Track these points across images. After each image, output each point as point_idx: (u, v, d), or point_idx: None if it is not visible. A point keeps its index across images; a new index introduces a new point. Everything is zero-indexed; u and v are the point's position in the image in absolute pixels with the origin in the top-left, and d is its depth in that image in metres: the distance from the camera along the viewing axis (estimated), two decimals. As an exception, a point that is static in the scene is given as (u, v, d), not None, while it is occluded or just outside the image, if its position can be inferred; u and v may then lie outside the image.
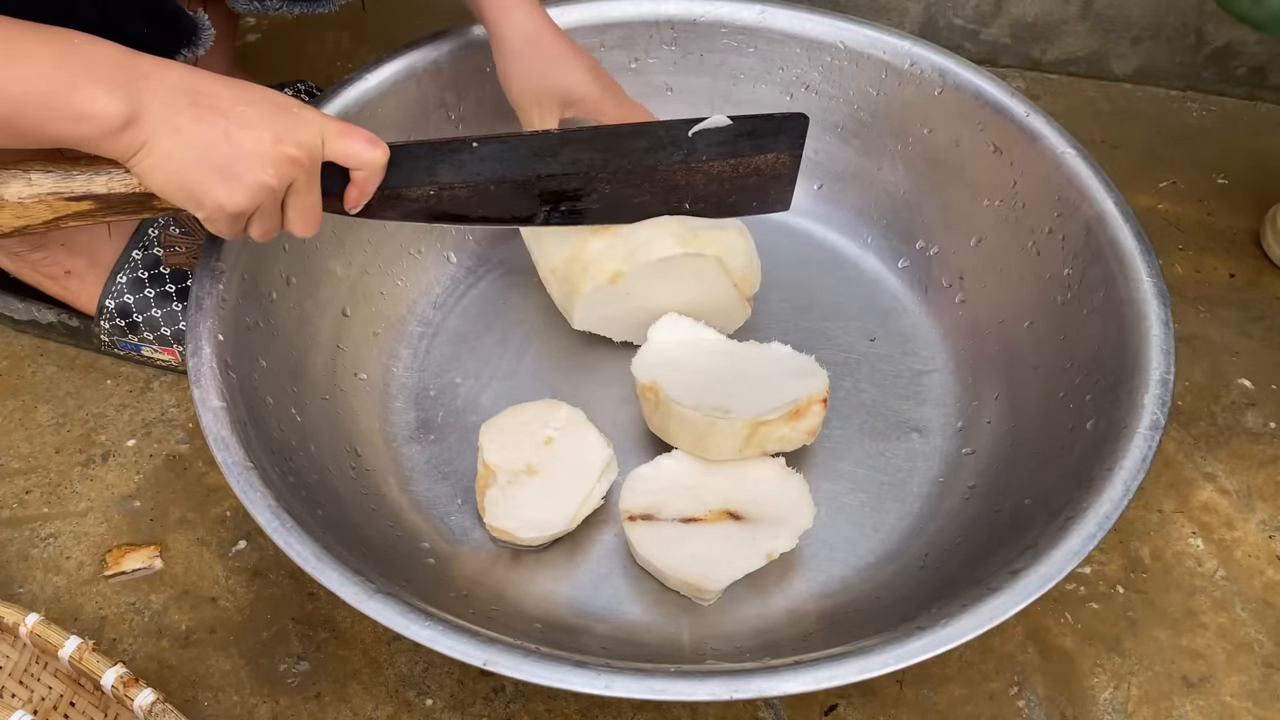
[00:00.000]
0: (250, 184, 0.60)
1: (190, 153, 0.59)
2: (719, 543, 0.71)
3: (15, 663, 0.71)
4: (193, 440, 0.86)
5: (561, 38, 0.78)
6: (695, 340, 0.81)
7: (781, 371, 0.79)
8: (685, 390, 0.76)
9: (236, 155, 0.59)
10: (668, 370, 0.78)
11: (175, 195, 0.60)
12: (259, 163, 0.60)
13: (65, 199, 0.62)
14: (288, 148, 0.61)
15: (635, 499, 0.74)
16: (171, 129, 0.58)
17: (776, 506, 0.73)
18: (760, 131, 0.77)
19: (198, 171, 0.59)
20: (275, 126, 0.60)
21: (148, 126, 0.57)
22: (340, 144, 0.64)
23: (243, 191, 0.60)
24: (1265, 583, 0.80)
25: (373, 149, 0.65)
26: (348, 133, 0.64)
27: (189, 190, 0.60)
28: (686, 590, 0.72)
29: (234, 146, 0.59)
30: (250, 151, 0.60)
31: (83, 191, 0.62)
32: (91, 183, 0.62)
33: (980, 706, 0.73)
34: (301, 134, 0.61)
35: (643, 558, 0.72)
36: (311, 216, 0.65)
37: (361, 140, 0.65)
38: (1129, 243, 0.76)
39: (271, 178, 0.61)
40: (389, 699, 0.73)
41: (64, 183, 0.62)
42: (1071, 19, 1.16)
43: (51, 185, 0.62)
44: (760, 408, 0.75)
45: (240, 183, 0.60)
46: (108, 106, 0.56)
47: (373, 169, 0.66)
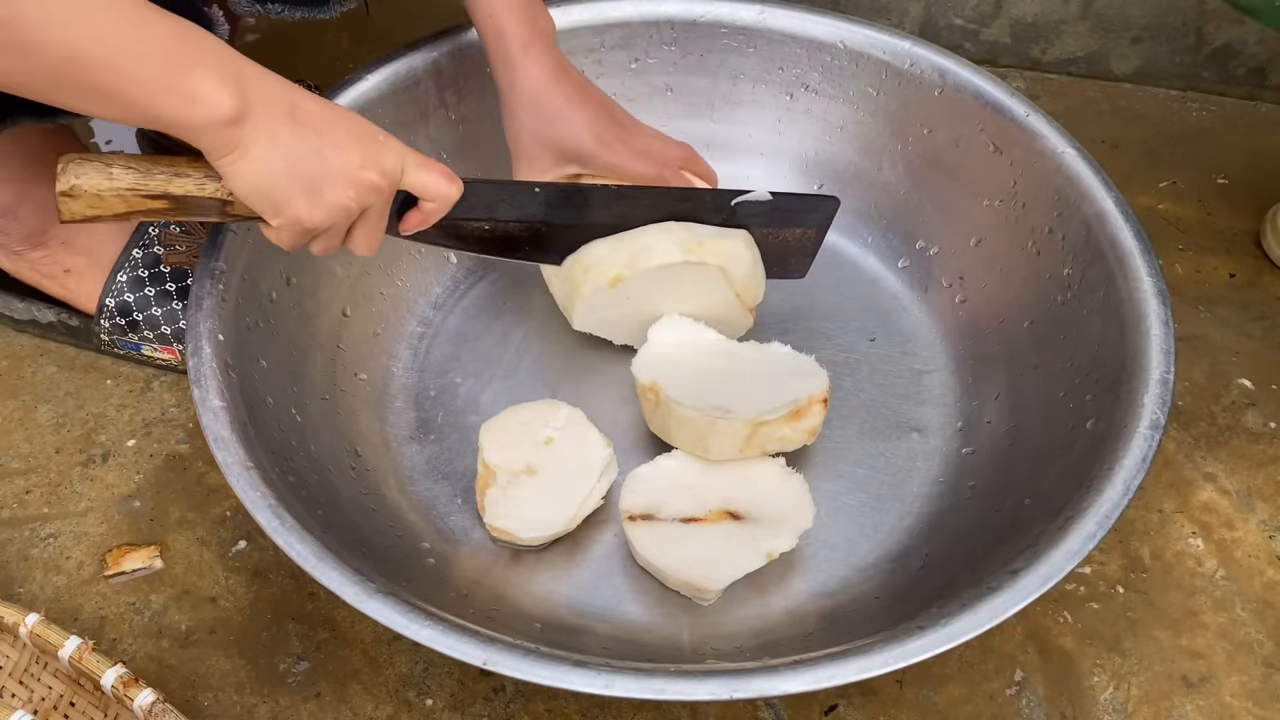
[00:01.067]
0: (331, 203, 0.61)
1: (282, 163, 0.59)
2: (719, 543, 0.71)
3: (15, 663, 0.71)
4: (193, 440, 0.86)
5: (569, 91, 0.76)
6: (695, 340, 0.81)
7: (782, 372, 0.79)
8: (685, 391, 0.76)
9: (324, 173, 0.60)
10: (668, 370, 0.78)
11: (256, 201, 0.61)
12: (343, 184, 0.61)
13: (142, 196, 0.62)
14: (372, 174, 0.62)
15: (635, 499, 0.74)
16: (269, 136, 0.58)
17: (776, 506, 0.73)
18: (795, 209, 0.81)
19: (285, 182, 0.60)
20: (363, 151, 0.61)
21: (248, 127, 0.58)
22: (420, 176, 0.65)
23: (323, 209, 0.61)
24: (1265, 583, 0.80)
25: (450, 185, 0.67)
26: (428, 166, 0.66)
27: (272, 199, 0.60)
28: (686, 590, 0.72)
29: (323, 164, 0.60)
30: (338, 172, 0.61)
31: (160, 191, 0.62)
32: (170, 184, 0.62)
33: (980, 706, 0.73)
34: (386, 161, 0.63)
35: (643, 557, 0.72)
36: (376, 240, 0.67)
37: (440, 175, 0.66)
38: (1129, 243, 0.76)
39: (352, 200, 0.62)
40: (389, 699, 0.73)
41: (143, 180, 0.61)
42: (1071, 19, 1.16)
43: (131, 182, 0.61)
44: (761, 408, 0.75)
45: (322, 200, 0.61)
46: (220, 97, 0.56)
47: (445, 203, 0.68)
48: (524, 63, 0.75)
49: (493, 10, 0.75)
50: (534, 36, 0.76)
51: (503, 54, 0.76)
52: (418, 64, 0.86)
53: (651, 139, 0.80)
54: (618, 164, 0.77)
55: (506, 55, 0.76)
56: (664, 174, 0.79)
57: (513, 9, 0.75)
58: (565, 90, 0.76)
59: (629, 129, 0.79)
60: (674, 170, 0.79)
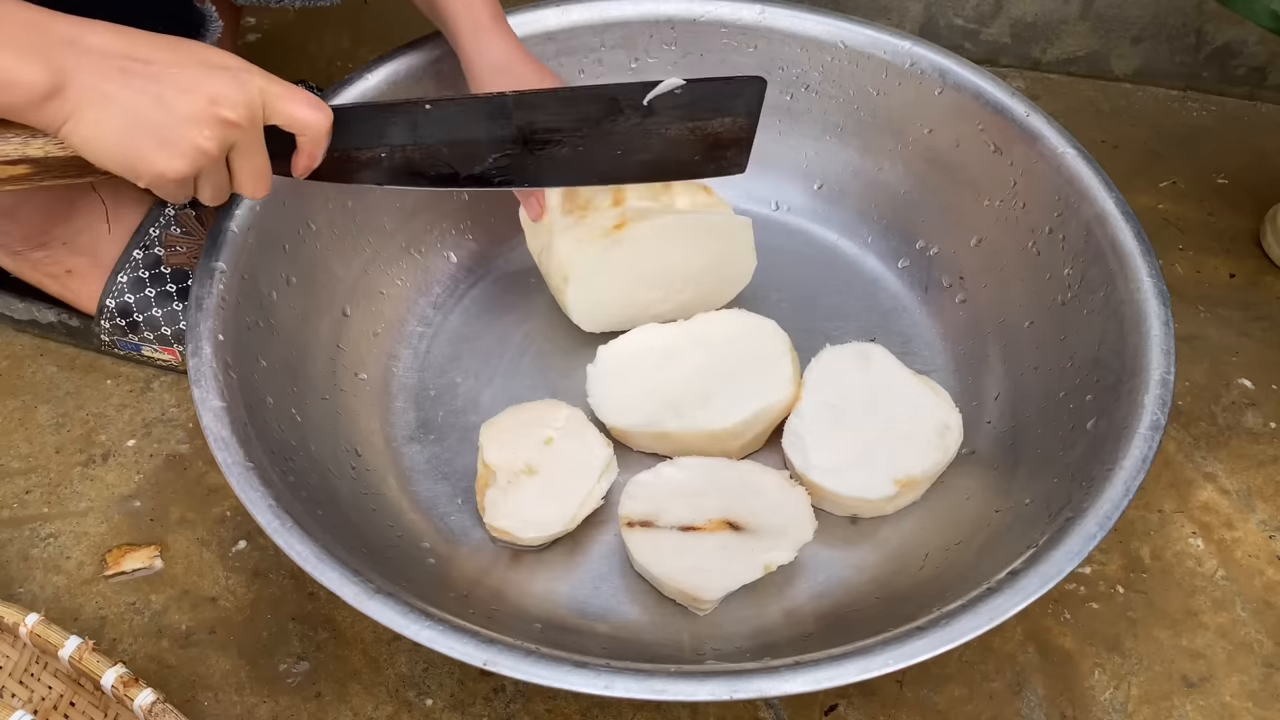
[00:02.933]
0: (187, 150, 0.59)
1: (121, 122, 0.57)
2: (716, 552, 0.71)
3: (15, 663, 0.71)
4: (193, 440, 0.86)
5: (530, 66, 0.78)
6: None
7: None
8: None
9: (171, 122, 0.58)
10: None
11: (112, 166, 0.59)
12: (194, 127, 0.58)
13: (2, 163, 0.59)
14: (224, 110, 0.59)
15: (635, 505, 0.73)
16: (100, 98, 0.56)
17: (777, 518, 0.73)
18: (718, 95, 0.75)
19: (131, 141, 0.58)
20: (210, 89, 0.58)
21: (73, 96, 0.55)
22: (281, 106, 0.62)
23: (180, 158, 0.59)
24: (1265, 583, 0.80)
25: (315, 112, 0.63)
26: (288, 95, 0.62)
27: (126, 161, 0.58)
28: (682, 599, 0.72)
29: (168, 112, 0.58)
30: (185, 116, 0.58)
31: (17, 155, 0.60)
32: (27, 146, 0.59)
33: (980, 706, 0.73)
34: (239, 95, 0.59)
35: (640, 565, 0.72)
36: (260, 179, 0.64)
37: (303, 103, 0.63)
38: (1129, 243, 0.76)
39: (208, 141, 0.59)
40: (389, 699, 0.73)
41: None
42: (1071, 19, 1.16)
43: None
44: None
45: (176, 149, 0.59)
46: (29, 75, 0.54)
47: (316, 133, 0.64)
48: (494, 32, 0.77)
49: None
50: (498, 19, 0.78)
51: (472, 23, 0.77)
52: (417, 63, 0.86)
53: None
54: None
55: (476, 24, 0.77)
56: None
57: None
58: (534, 63, 0.78)
59: None
60: None
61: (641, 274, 0.83)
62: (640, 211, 0.80)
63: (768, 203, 0.97)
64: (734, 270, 0.86)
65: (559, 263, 0.81)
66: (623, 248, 0.80)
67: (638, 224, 0.79)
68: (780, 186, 0.97)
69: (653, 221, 0.80)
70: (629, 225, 0.79)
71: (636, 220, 0.79)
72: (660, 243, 0.81)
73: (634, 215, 0.80)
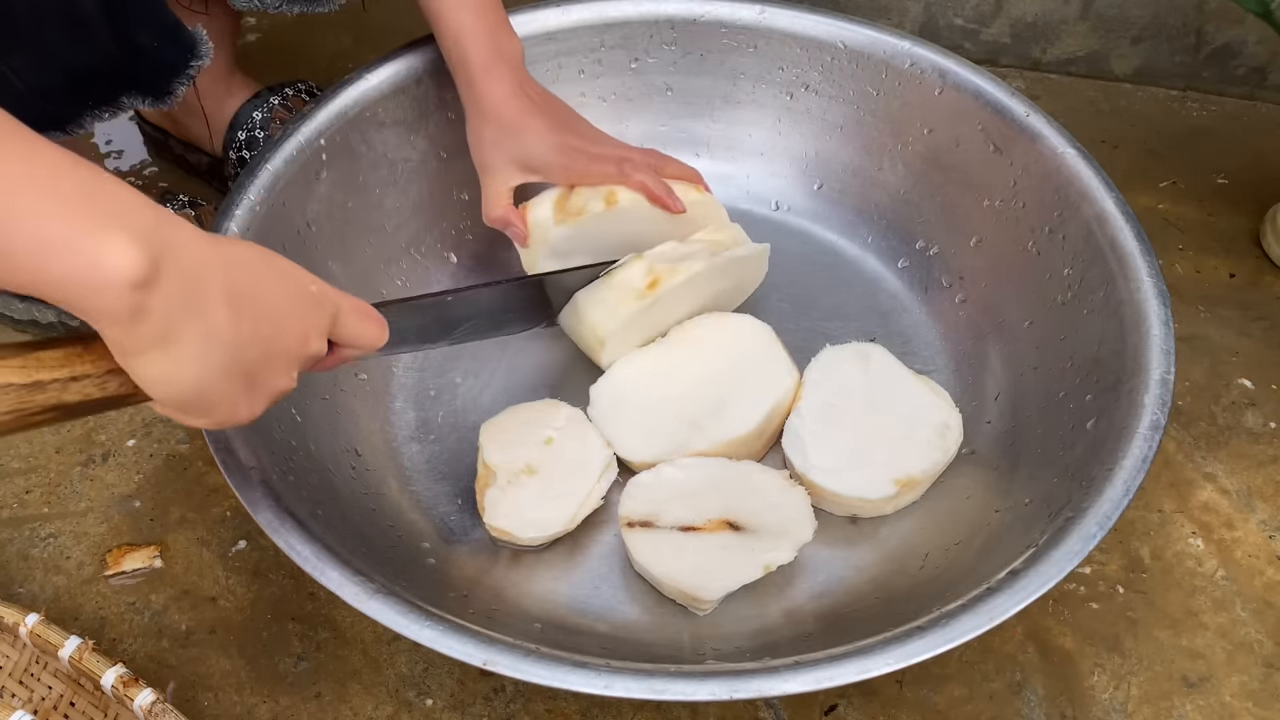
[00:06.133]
0: (273, 392, 0.50)
1: (221, 358, 0.46)
2: (716, 552, 0.71)
3: (15, 663, 0.71)
4: (193, 440, 0.86)
5: (526, 106, 0.77)
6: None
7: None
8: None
9: (266, 358, 0.48)
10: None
11: (181, 406, 0.47)
12: (286, 365, 0.50)
13: (26, 415, 0.46)
14: (314, 343, 0.51)
15: (634, 505, 0.73)
16: (204, 328, 0.45)
17: (777, 518, 0.73)
18: None
19: (225, 382, 0.47)
20: (304, 317, 0.50)
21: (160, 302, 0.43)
22: (351, 325, 0.55)
23: (263, 401, 0.50)
24: (1265, 583, 0.80)
25: (380, 332, 0.57)
26: (361, 313, 0.56)
27: (206, 403, 0.47)
28: (682, 599, 0.72)
29: (266, 349, 0.48)
30: (282, 353, 0.49)
31: (52, 403, 0.46)
32: (65, 392, 0.46)
33: (980, 706, 0.73)
34: (324, 320, 0.52)
35: (640, 565, 0.72)
36: None
37: (374, 324, 0.57)
38: (1129, 243, 0.76)
39: (293, 380, 0.51)
40: (389, 699, 0.73)
41: (29, 397, 0.45)
42: (1071, 19, 1.16)
43: (11, 404, 0.45)
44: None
45: (262, 391, 0.50)
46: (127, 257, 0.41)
47: (370, 351, 0.58)
48: (484, 82, 0.77)
49: (457, 38, 0.77)
50: (495, 60, 0.77)
51: (465, 76, 0.78)
52: (418, 64, 0.86)
53: (611, 146, 0.81)
54: (576, 169, 0.79)
55: (468, 77, 0.77)
56: (623, 169, 0.79)
57: (476, 35, 0.77)
58: (522, 105, 0.77)
59: (588, 138, 0.80)
60: (634, 165, 0.80)
61: (672, 319, 0.83)
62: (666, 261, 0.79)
63: (768, 203, 0.97)
64: (748, 286, 0.87)
65: (590, 325, 0.80)
66: (657, 305, 0.80)
67: (669, 280, 0.79)
68: (780, 186, 0.97)
69: (684, 275, 0.79)
70: (661, 283, 0.78)
71: (668, 277, 0.79)
72: (691, 289, 0.81)
73: (663, 272, 0.79)
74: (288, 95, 0.97)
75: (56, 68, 0.67)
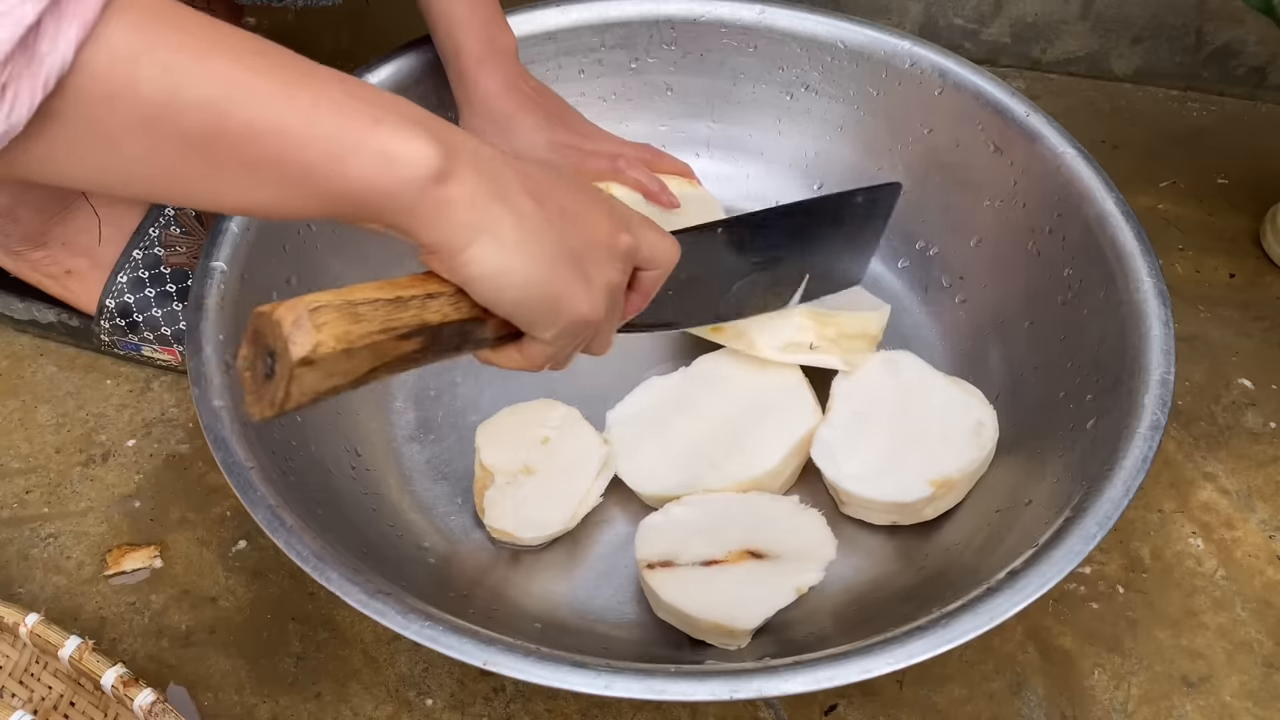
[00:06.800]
0: (605, 285, 0.48)
1: (546, 238, 0.44)
2: (745, 581, 0.69)
3: (15, 663, 0.71)
4: (193, 440, 0.86)
5: (519, 100, 0.76)
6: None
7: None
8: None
9: (589, 249, 0.46)
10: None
11: (528, 307, 0.46)
12: (609, 258, 0.48)
13: (396, 337, 0.46)
14: (625, 235, 0.48)
15: (651, 547, 0.71)
16: (515, 215, 0.44)
17: (797, 541, 0.71)
18: (860, 201, 0.77)
19: (557, 273, 0.45)
20: (600, 208, 0.48)
21: (470, 195, 0.43)
22: (647, 236, 0.51)
23: (601, 294, 0.47)
24: (1265, 583, 0.80)
25: (675, 246, 0.54)
26: (649, 224, 0.52)
27: (549, 301, 0.46)
28: (714, 635, 0.69)
29: (584, 235, 0.46)
30: (601, 244, 0.47)
31: (416, 323, 0.46)
32: (425, 309, 0.46)
33: (980, 706, 0.73)
34: (621, 220, 0.49)
35: (666, 605, 0.69)
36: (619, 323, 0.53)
37: (663, 232, 0.53)
38: (1129, 243, 0.76)
39: (621, 274, 0.48)
40: (389, 699, 0.73)
41: (396, 313, 0.45)
42: (1071, 19, 1.16)
43: (383, 318, 0.45)
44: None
45: (596, 284, 0.47)
46: (422, 150, 0.42)
47: (669, 268, 0.54)
48: (476, 76, 0.76)
49: (450, 30, 0.76)
50: (489, 53, 0.77)
51: (457, 69, 0.77)
52: (418, 64, 0.86)
53: (606, 141, 0.81)
54: (569, 164, 0.78)
55: (460, 70, 0.77)
56: (617, 165, 0.79)
57: (469, 27, 0.76)
58: (515, 99, 0.77)
59: (582, 134, 0.80)
60: (627, 161, 0.79)
61: None
62: None
63: (768, 203, 0.97)
64: None
65: None
66: None
67: None
68: (780, 186, 0.97)
69: None
70: None
71: None
72: None
73: None
74: None
75: None
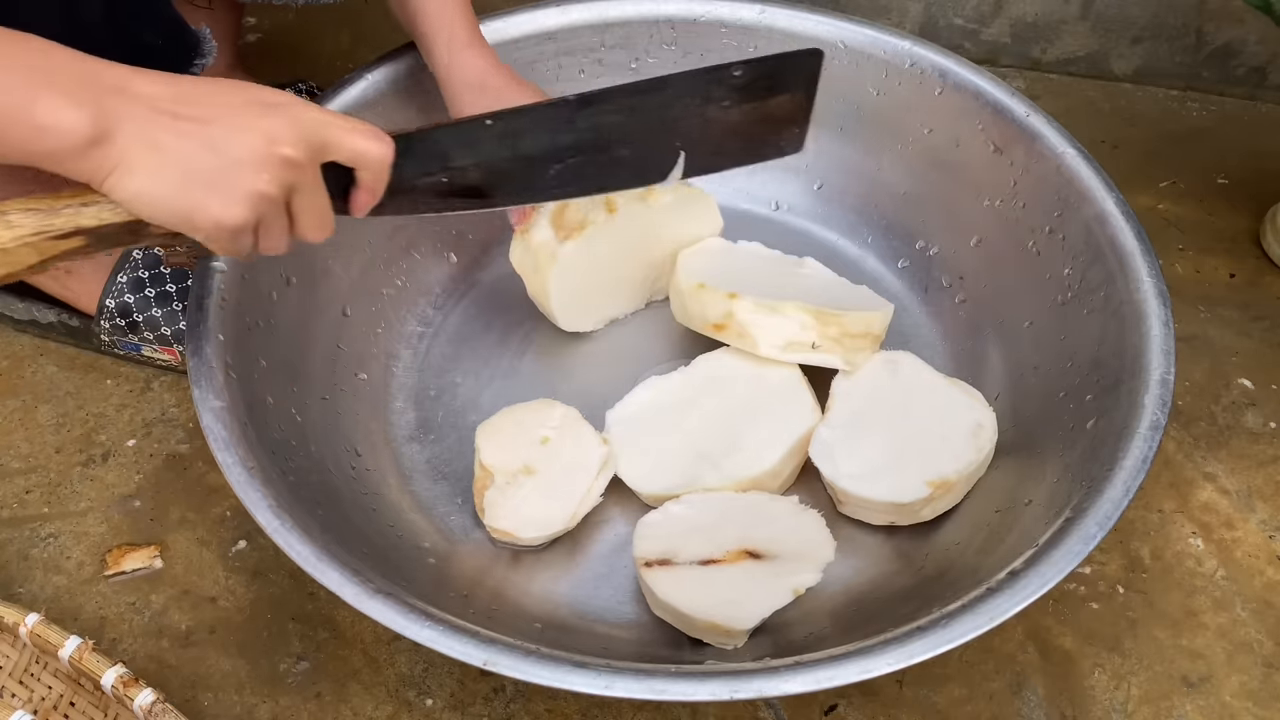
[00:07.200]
0: (246, 194, 0.55)
1: (173, 169, 0.53)
2: (742, 582, 0.69)
3: (15, 663, 0.71)
4: (193, 440, 0.86)
5: (509, 77, 0.78)
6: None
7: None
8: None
9: (227, 165, 0.54)
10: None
11: (165, 217, 0.55)
12: (253, 170, 0.55)
13: (51, 238, 0.55)
14: (283, 149, 0.55)
15: (648, 545, 0.71)
16: (150, 146, 0.53)
17: (796, 541, 0.71)
18: (775, 73, 0.72)
19: (185, 189, 0.54)
20: (267, 127, 0.55)
21: (120, 145, 0.52)
22: (341, 139, 0.59)
23: (239, 204, 0.55)
24: (1265, 583, 0.80)
25: (378, 143, 0.60)
26: (351, 128, 0.59)
27: (180, 211, 0.54)
28: (711, 635, 0.69)
29: (222, 155, 0.54)
30: (242, 159, 0.54)
31: (70, 227, 0.55)
32: (79, 215, 0.56)
33: (980, 706, 0.73)
34: (296, 131, 0.56)
35: (663, 603, 0.69)
36: (324, 220, 0.60)
37: (365, 135, 0.60)
38: (1129, 243, 0.76)
39: (268, 184, 0.55)
40: (389, 699, 0.73)
41: (48, 219, 0.55)
42: (1071, 19, 1.16)
43: (35, 224, 0.55)
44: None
45: (235, 195, 0.55)
46: (72, 121, 0.51)
47: (379, 166, 0.61)
48: (467, 52, 0.77)
49: (440, 13, 0.77)
50: (478, 38, 0.78)
51: (445, 50, 0.77)
52: (418, 64, 0.86)
53: None
54: None
55: (450, 42, 0.77)
56: None
57: (458, 14, 0.77)
58: (506, 76, 0.78)
59: None
60: None
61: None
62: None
63: (768, 203, 0.97)
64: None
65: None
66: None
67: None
68: (780, 186, 0.97)
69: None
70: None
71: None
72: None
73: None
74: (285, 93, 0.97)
75: None
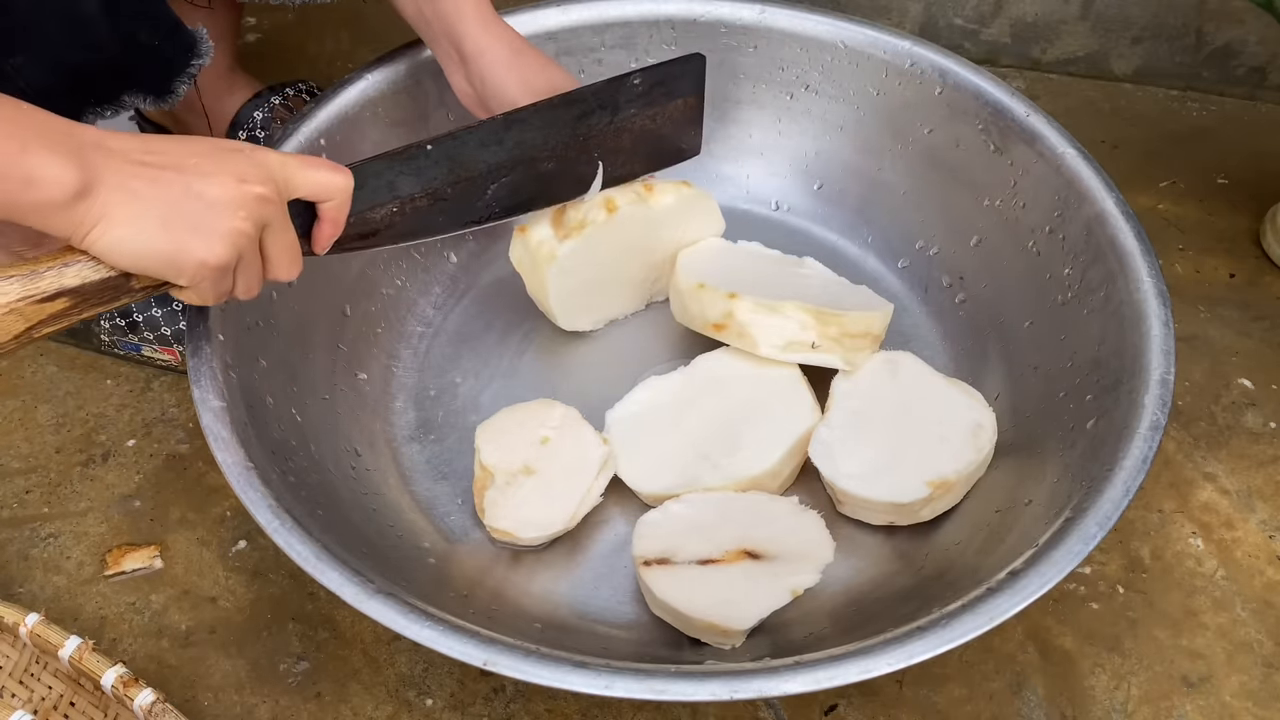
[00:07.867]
0: (226, 232, 0.57)
1: (155, 217, 0.55)
2: (740, 582, 0.69)
3: (15, 663, 0.71)
4: (193, 440, 0.86)
5: (536, 52, 0.79)
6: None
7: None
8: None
9: (204, 207, 0.56)
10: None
11: (150, 264, 0.56)
12: (229, 209, 0.57)
13: (37, 301, 0.55)
14: (254, 187, 0.58)
15: (648, 544, 0.71)
16: (130, 195, 0.54)
17: (795, 542, 0.71)
18: (668, 78, 0.79)
19: (169, 234, 0.55)
20: (235, 169, 0.58)
21: (102, 197, 0.53)
22: (305, 175, 0.62)
23: (220, 242, 0.57)
24: (1265, 583, 0.80)
25: (340, 175, 0.64)
26: (309, 164, 0.63)
27: (165, 255, 0.56)
28: (709, 634, 0.69)
29: (199, 198, 0.56)
30: (218, 199, 0.57)
31: (54, 289, 0.56)
32: (63, 276, 0.56)
33: (980, 706, 0.73)
34: (264, 172, 0.59)
35: (661, 602, 0.69)
36: (294, 256, 0.63)
37: (326, 169, 0.63)
38: (1129, 243, 0.76)
39: (244, 221, 0.58)
40: (389, 699, 0.73)
41: (33, 283, 0.55)
42: (1071, 19, 1.16)
43: (20, 290, 0.55)
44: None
45: (215, 234, 0.57)
46: (59, 173, 0.52)
47: (342, 196, 0.64)
48: (498, 24, 0.78)
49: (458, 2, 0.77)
50: (497, 19, 0.79)
51: (475, 15, 0.77)
52: (418, 63, 0.86)
53: None
54: None
55: (480, 15, 0.77)
56: None
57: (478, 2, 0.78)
58: (533, 46, 0.79)
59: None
60: None
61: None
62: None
63: (768, 203, 0.97)
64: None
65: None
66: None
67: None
68: (780, 186, 0.97)
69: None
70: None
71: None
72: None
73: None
74: (288, 95, 0.97)
75: (58, 66, 0.67)
